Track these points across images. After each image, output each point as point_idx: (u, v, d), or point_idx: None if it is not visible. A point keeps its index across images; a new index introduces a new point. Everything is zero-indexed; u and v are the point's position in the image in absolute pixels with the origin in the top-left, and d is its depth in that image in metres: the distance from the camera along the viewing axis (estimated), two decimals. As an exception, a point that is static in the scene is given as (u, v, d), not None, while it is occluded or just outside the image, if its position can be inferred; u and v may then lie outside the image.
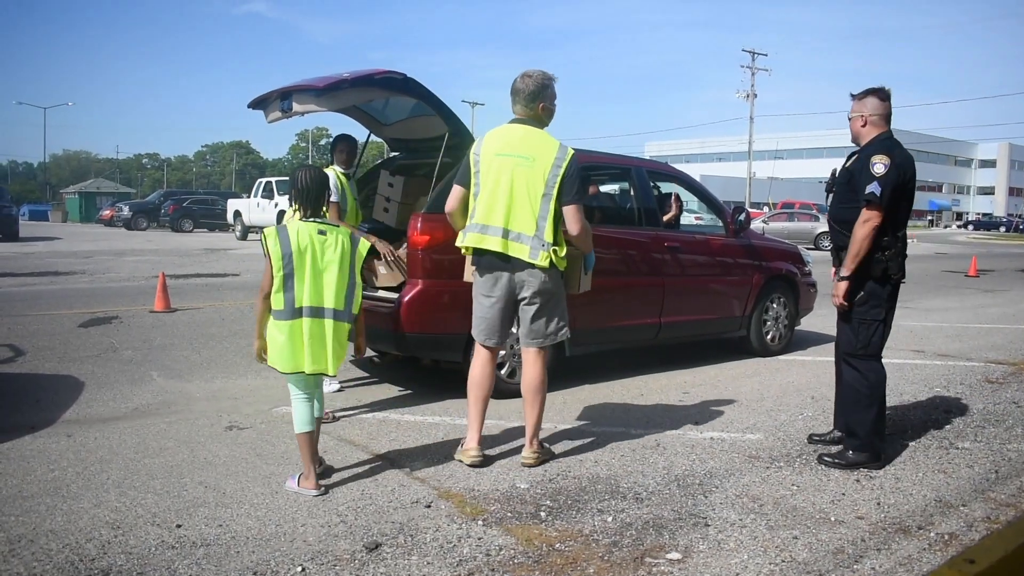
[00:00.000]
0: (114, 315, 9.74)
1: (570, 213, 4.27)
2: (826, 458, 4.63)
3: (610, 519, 3.75)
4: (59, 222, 52.04)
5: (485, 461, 4.50)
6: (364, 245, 4.16)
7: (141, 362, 7.12)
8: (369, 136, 7.41)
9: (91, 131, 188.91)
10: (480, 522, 3.68)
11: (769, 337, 8.10)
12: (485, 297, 4.46)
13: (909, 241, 4.87)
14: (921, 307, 12.67)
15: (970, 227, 78.26)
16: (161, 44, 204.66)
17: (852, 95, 4.70)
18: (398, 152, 7.56)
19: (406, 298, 5.67)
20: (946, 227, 76.23)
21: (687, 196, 8.11)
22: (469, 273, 4.61)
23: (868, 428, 4.58)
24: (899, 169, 4.38)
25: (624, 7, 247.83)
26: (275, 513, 3.73)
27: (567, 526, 3.66)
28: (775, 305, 8.12)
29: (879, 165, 4.36)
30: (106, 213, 43.98)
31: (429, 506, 3.87)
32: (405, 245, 5.90)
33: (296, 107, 5.75)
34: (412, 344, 5.83)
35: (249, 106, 6.25)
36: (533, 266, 4.28)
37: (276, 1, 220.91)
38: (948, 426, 5.52)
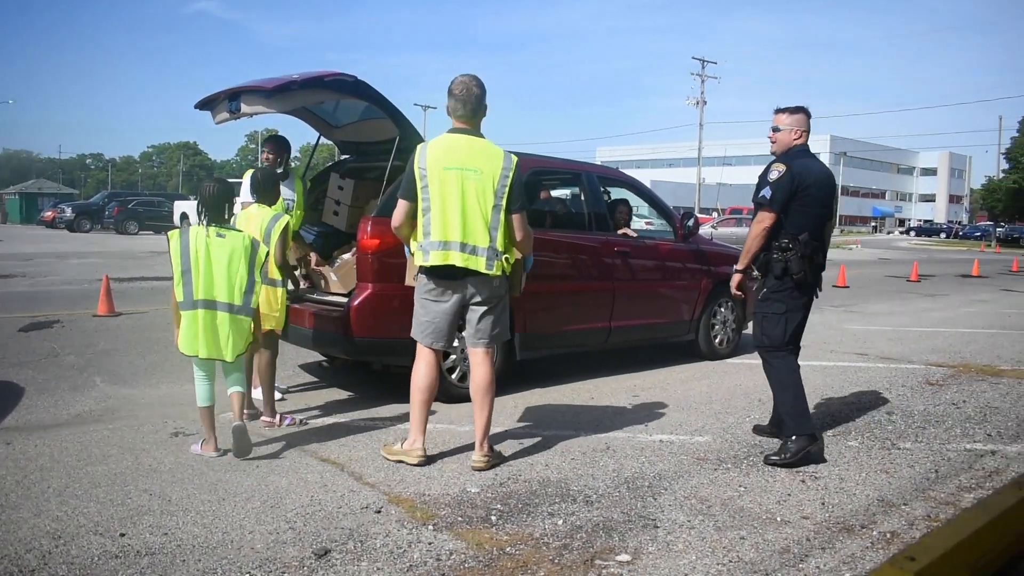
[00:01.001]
0: (56, 319, 9.51)
1: (518, 221, 4.39)
2: (771, 458, 4.74)
3: (560, 522, 3.77)
4: (-2, 223, 50.68)
5: (429, 461, 4.52)
6: (263, 250, 4.71)
7: (84, 367, 6.96)
8: (319, 138, 7.36)
9: (32, 130, 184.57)
10: (431, 527, 3.67)
11: (717, 341, 8.20)
12: (434, 302, 4.49)
13: (853, 247, 5.08)
14: (865, 311, 12.95)
15: (912, 233, 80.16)
16: (106, 42, 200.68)
17: (778, 110, 5.05)
18: (348, 155, 7.51)
19: (356, 302, 5.63)
20: (889, 233, 77.85)
21: (637, 201, 8.19)
22: (411, 277, 4.65)
23: (790, 410, 4.83)
24: (794, 177, 4.72)
25: (580, 14, 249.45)
26: (222, 520, 3.68)
27: (517, 530, 3.67)
28: (723, 309, 8.22)
29: (774, 172, 4.78)
30: (48, 214, 42.97)
31: (379, 511, 3.84)
32: (354, 249, 5.87)
33: (244, 108, 5.68)
34: (362, 348, 5.80)
35: (196, 107, 6.15)
36: (487, 275, 4.37)
37: (227, 1, 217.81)
38: (890, 427, 5.65)
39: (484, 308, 4.49)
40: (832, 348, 8.99)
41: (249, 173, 5.95)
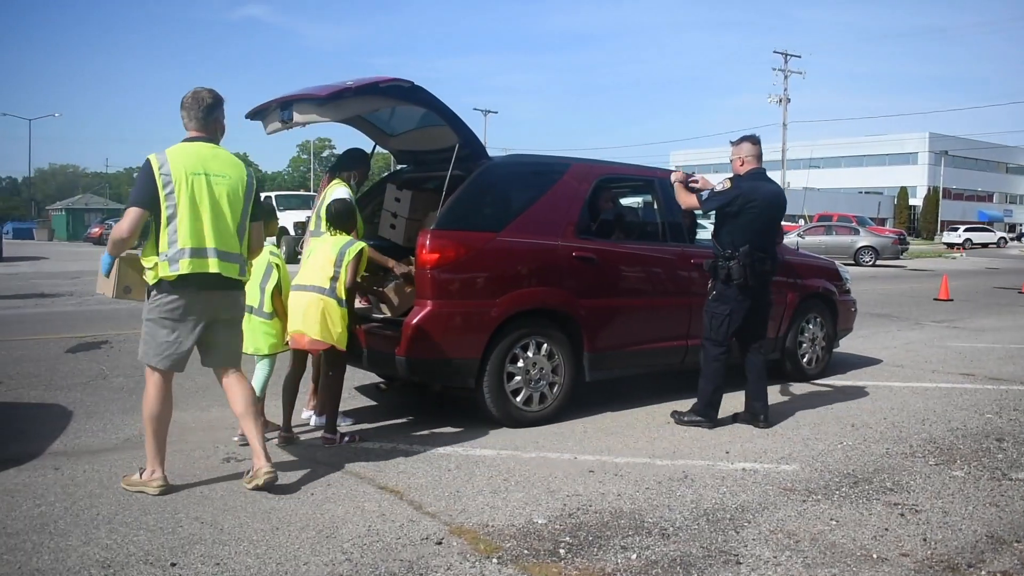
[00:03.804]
0: (103, 339, 9.83)
1: (258, 229, 4.75)
2: (674, 414, 6.32)
3: (634, 556, 3.75)
4: (45, 240, 52.60)
5: (169, 490, 4.50)
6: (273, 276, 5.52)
7: (133, 389, 7.17)
8: (374, 148, 7.47)
9: (79, 144, 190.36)
10: (495, 560, 3.69)
11: (805, 360, 8.08)
12: (177, 321, 4.45)
13: (956, 256, 5.15)
14: (971, 327, 12.62)
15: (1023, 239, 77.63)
16: (153, 51, 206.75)
17: (731, 142, 6.37)
18: (405, 164, 7.61)
19: (414, 320, 5.70)
20: (1003, 242, 75.09)
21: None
22: (108, 287, 4.71)
23: (704, 400, 6.19)
24: (740, 193, 5.99)
25: (646, 7, 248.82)
26: (276, 551, 3.75)
27: (588, 564, 3.67)
28: (811, 325, 8.11)
29: (719, 184, 6.13)
30: (95, 231, 44.36)
31: (440, 543, 3.88)
32: (413, 263, 5.95)
33: (297, 117, 5.81)
34: (420, 369, 5.87)
35: (247, 116, 6.32)
36: (238, 284, 4.60)
37: (276, 5, 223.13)
38: (1000, 455, 5.49)
39: (234, 325, 4.68)
40: (934, 368, 8.79)
41: (337, 187, 6.14)
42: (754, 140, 6.30)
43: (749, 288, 6.02)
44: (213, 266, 4.41)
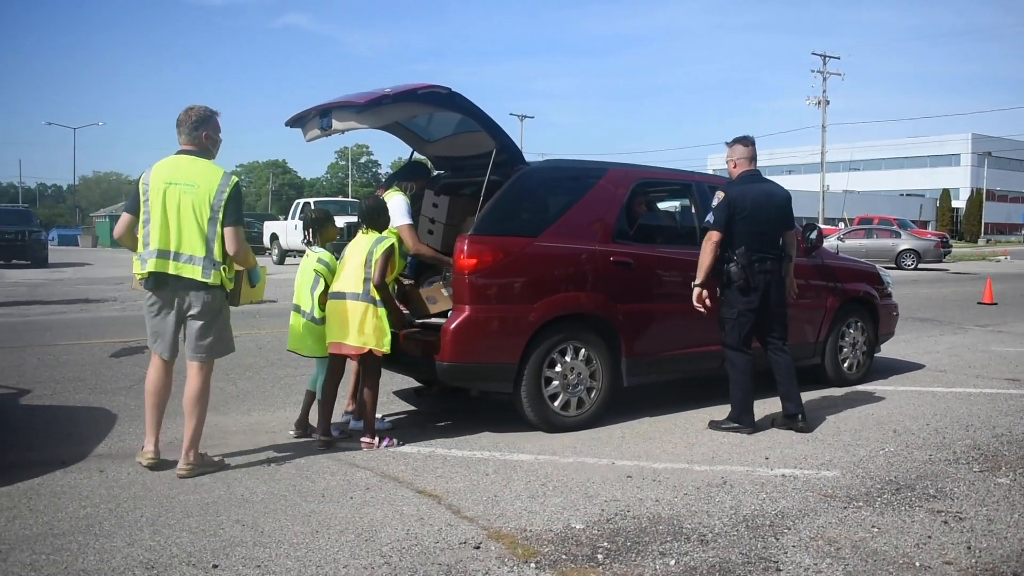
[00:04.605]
0: (146, 345, 9.94)
1: (229, 234, 4.97)
2: (712, 423, 6.29)
3: (673, 562, 3.74)
4: (89, 247, 53.56)
5: (159, 464, 5.02)
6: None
7: (175, 394, 7.21)
8: (412, 154, 7.52)
9: (122, 152, 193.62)
10: (533, 565, 3.70)
11: (846, 365, 8.00)
12: (155, 315, 5.07)
13: (1001, 259, 5.08)
14: (1016, 331, 12.40)
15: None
16: (195, 60, 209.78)
17: (726, 143, 6.45)
18: (443, 170, 7.65)
19: (452, 325, 5.73)
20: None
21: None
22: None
23: (738, 407, 6.19)
24: (730, 202, 6.06)
25: (684, 11, 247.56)
26: (316, 554, 3.79)
27: (626, 569, 3.66)
28: (852, 330, 8.03)
29: (715, 199, 6.18)
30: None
31: (478, 547, 3.90)
32: (451, 268, 5.98)
33: (336, 124, 5.88)
34: (459, 374, 5.89)
35: (287, 124, 6.41)
36: (204, 285, 4.94)
37: (315, 13, 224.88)
38: (1047, 462, 5.40)
39: (199, 321, 5.00)
40: (978, 373, 8.65)
41: (394, 195, 6.21)
42: (747, 142, 6.37)
43: (752, 290, 6.07)
44: (172, 268, 4.91)
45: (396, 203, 6.07)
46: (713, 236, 6.08)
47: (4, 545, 3.85)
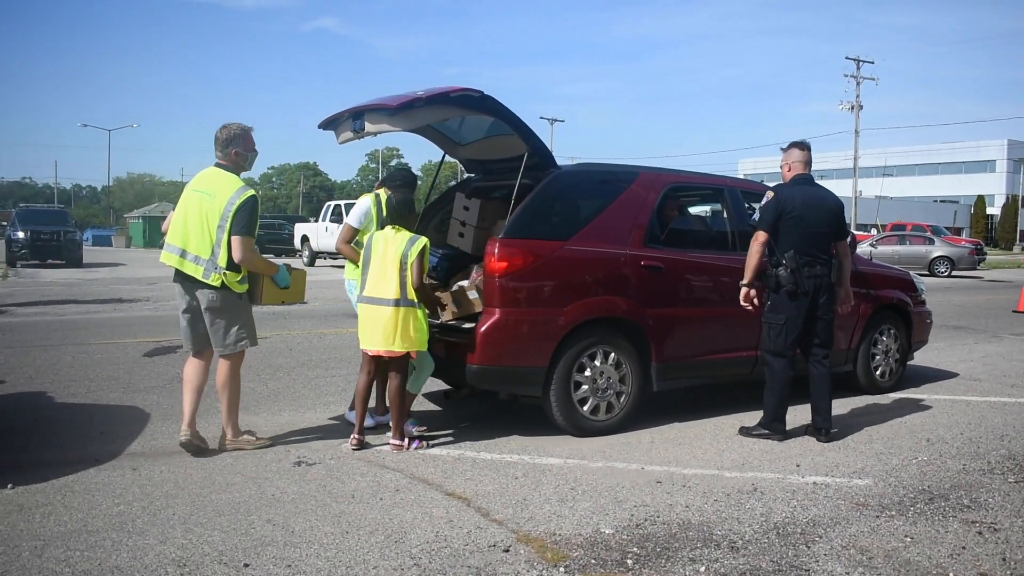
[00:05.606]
0: (179, 344, 9.99)
1: (235, 242, 5.31)
2: (743, 429, 6.25)
3: (703, 569, 3.72)
4: (123, 247, 54.02)
5: (198, 445, 5.41)
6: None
7: (206, 394, 7.26)
8: (444, 157, 7.54)
9: (155, 154, 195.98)
10: (562, 569, 3.70)
11: (878, 373, 7.92)
12: (181, 310, 5.57)
13: None
14: (1052, 340, 12.20)
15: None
16: (228, 63, 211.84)
17: (781, 148, 6.48)
18: (474, 173, 7.67)
19: (482, 328, 5.74)
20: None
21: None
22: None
23: (770, 414, 6.12)
24: (779, 202, 6.01)
25: (714, 14, 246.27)
26: (345, 554, 3.81)
27: None
28: (885, 337, 7.95)
29: (765, 199, 6.15)
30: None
31: (507, 550, 3.90)
32: (481, 271, 5.98)
33: (368, 127, 5.91)
34: (488, 377, 5.90)
35: (320, 126, 6.45)
36: (206, 285, 5.34)
37: (346, 17, 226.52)
38: (1085, 474, 5.31)
39: (209, 316, 5.43)
40: (1013, 382, 8.53)
41: (365, 197, 6.22)
42: (803, 146, 6.31)
43: (801, 294, 5.97)
44: (177, 263, 5.42)
45: (358, 204, 6.23)
46: (760, 236, 6.03)
47: (39, 541, 3.91)
